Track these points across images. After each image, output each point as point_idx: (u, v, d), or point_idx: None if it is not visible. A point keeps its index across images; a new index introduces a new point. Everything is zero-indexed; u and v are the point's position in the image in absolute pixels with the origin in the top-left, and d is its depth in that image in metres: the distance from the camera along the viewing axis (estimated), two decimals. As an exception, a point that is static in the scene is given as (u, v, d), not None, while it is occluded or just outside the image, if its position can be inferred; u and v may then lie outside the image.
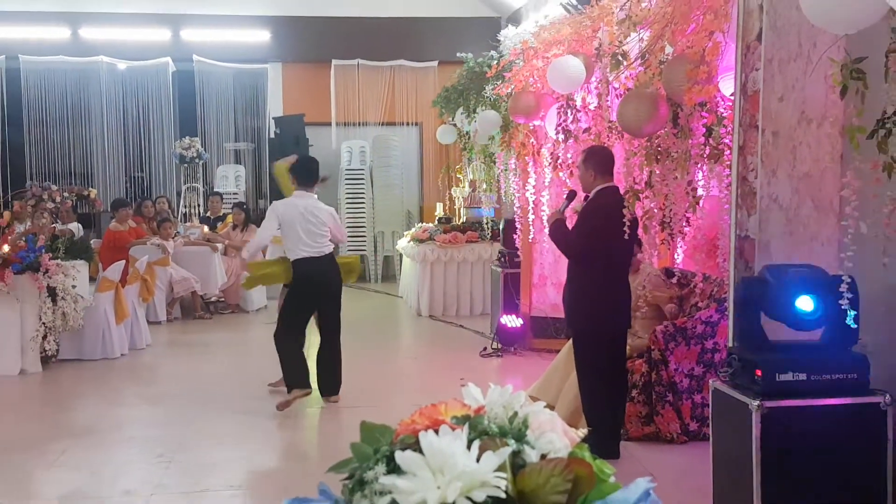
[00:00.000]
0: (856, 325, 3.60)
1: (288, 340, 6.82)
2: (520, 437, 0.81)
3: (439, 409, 0.85)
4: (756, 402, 3.62)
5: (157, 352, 9.39)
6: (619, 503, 0.77)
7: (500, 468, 0.78)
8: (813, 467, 3.62)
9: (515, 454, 0.80)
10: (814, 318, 3.66)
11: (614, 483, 0.82)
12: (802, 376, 3.68)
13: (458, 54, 11.23)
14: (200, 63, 14.53)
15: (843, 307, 3.36)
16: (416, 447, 0.81)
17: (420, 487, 0.77)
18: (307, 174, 6.98)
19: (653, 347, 5.81)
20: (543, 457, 0.81)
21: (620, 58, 5.61)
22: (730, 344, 4.49)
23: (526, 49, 7.62)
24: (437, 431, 0.81)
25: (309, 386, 6.80)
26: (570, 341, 6.36)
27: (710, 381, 4.13)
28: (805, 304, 3.65)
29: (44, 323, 8.06)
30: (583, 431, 0.85)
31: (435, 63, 14.52)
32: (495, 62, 9.30)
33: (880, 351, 3.77)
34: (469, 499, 0.76)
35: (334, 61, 14.62)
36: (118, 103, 14.64)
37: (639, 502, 0.77)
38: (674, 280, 6.55)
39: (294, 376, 6.76)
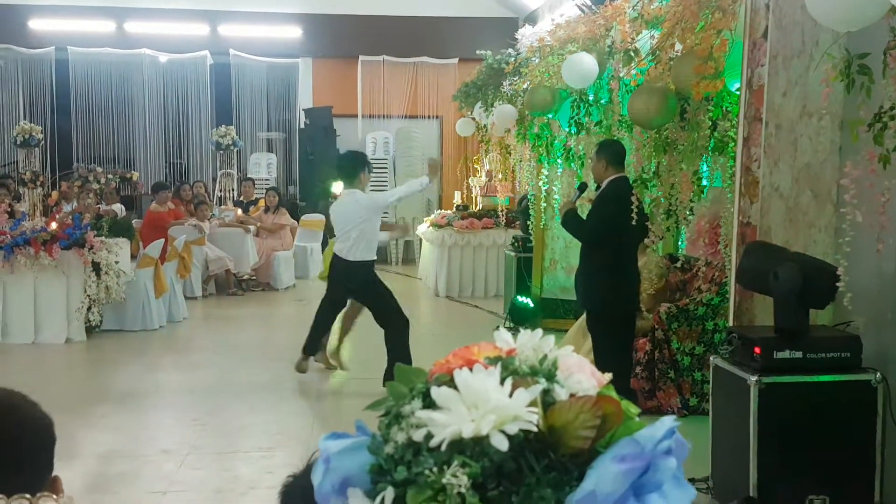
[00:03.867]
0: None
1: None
2: (550, 377, 0.80)
3: (472, 351, 0.84)
4: (754, 378, 3.61)
5: (193, 324, 9.44)
6: (645, 439, 0.75)
7: (532, 404, 0.77)
8: (807, 440, 3.61)
9: (545, 392, 0.79)
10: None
11: (640, 421, 0.81)
12: (798, 354, 3.66)
13: (477, 52, 11.17)
14: (236, 57, 14.54)
15: (840, 288, 3.33)
16: (451, 385, 0.80)
17: (455, 420, 0.76)
18: (342, 170, 6.76)
19: (657, 327, 5.79)
20: (572, 396, 0.80)
21: (632, 54, 5.57)
22: (730, 324, 4.47)
23: (542, 46, 7.57)
24: (471, 370, 0.80)
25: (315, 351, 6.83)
26: (579, 320, 6.36)
27: (711, 358, 4.11)
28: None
29: (88, 295, 8.12)
30: (609, 375, 0.84)
31: (455, 60, 14.47)
32: (513, 59, 9.26)
33: (872, 331, 3.74)
34: (502, 431, 0.75)
35: (361, 57, 14.60)
36: (159, 93, 14.68)
37: (664, 439, 0.75)
38: (677, 265, 6.52)
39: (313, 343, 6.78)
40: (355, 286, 6.62)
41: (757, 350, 3.67)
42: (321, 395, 6.69)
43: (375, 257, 6.67)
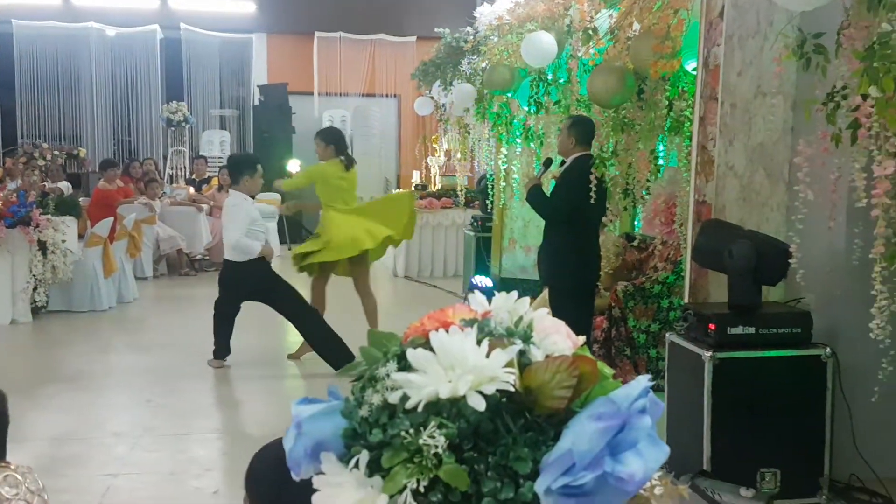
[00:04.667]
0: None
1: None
2: (526, 339, 0.81)
3: (447, 314, 0.85)
4: (709, 354, 3.67)
5: (144, 305, 9.31)
6: (621, 398, 0.77)
7: (509, 365, 0.78)
8: (759, 414, 3.68)
9: (521, 353, 0.80)
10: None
11: (615, 381, 0.82)
12: (751, 330, 3.73)
13: (435, 30, 11.12)
14: (187, 31, 14.28)
15: (792, 265, 3.40)
16: (427, 347, 0.80)
17: (432, 381, 0.77)
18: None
19: (613, 305, 5.85)
20: (548, 356, 0.81)
21: (591, 33, 5.59)
22: (685, 301, 4.54)
23: (501, 24, 7.57)
24: (447, 332, 0.81)
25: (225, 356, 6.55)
26: (538, 299, 6.39)
27: (667, 335, 4.17)
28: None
29: (34, 275, 7.96)
30: (583, 337, 0.85)
31: (414, 38, 14.39)
32: (471, 37, 9.24)
33: (823, 307, 3.82)
34: (479, 392, 0.76)
35: (317, 33, 14.44)
36: (107, 68, 14.38)
37: (639, 398, 0.77)
38: (634, 244, 6.58)
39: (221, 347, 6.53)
40: (250, 288, 6.35)
41: (711, 326, 3.73)
42: (277, 377, 6.65)
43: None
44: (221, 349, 6.54)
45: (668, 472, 3.83)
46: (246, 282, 6.29)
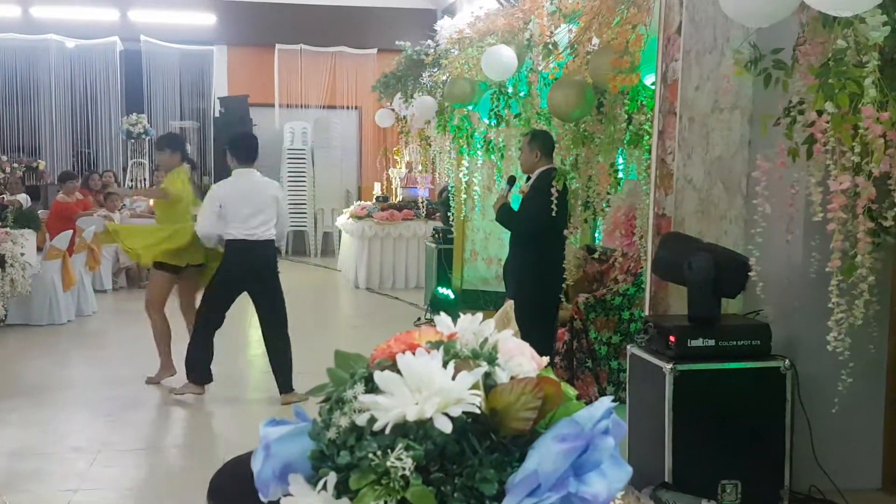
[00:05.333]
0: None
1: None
2: (491, 360, 0.82)
3: (414, 336, 0.85)
4: (669, 366, 3.69)
5: (104, 318, 9.18)
6: (584, 419, 0.78)
7: (474, 387, 0.78)
8: (721, 425, 3.71)
9: (487, 375, 0.80)
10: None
11: (579, 402, 0.83)
12: (711, 342, 3.77)
13: (396, 42, 11.14)
14: (147, 43, 14.16)
15: (752, 277, 3.44)
16: (394, 369, 0.81)
17: (399, 404, 0.77)
18: (248, 150, 6.22)
19: (575, 317, 5.88)
20: (513, 378, 0.81)
21: (551, 48, 5.64)
22: (645, 313, 4.58)
23: (461, 38, 7.60)
24: (413, 354, 0.81)
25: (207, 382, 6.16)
26: (499, 311, 6.40)
27: (628, 347, 4.20)
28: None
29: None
30: (547, 358, 0.86)
31: (374, 50, 14.40)
32: (432, 50, 9.27)
33: (781, 319, 3.88)
34: (445, 414, 0.76)
35: (278, 45, 14.40)
36: (67, 80, 14.19)
37: (602, 419, 0.78)
38: (595, 256, 6.63)
39: (201, 371, 6.08)
40: (270, 273, 6.27)
41: (672, 338, 3.76)
42: (237, 391, 6.58)
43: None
44: (200, 370, 6.06)
45: (629, 483, 3.86)
46: (237, 262, 5.98)
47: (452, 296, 8.75)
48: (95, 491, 4.46)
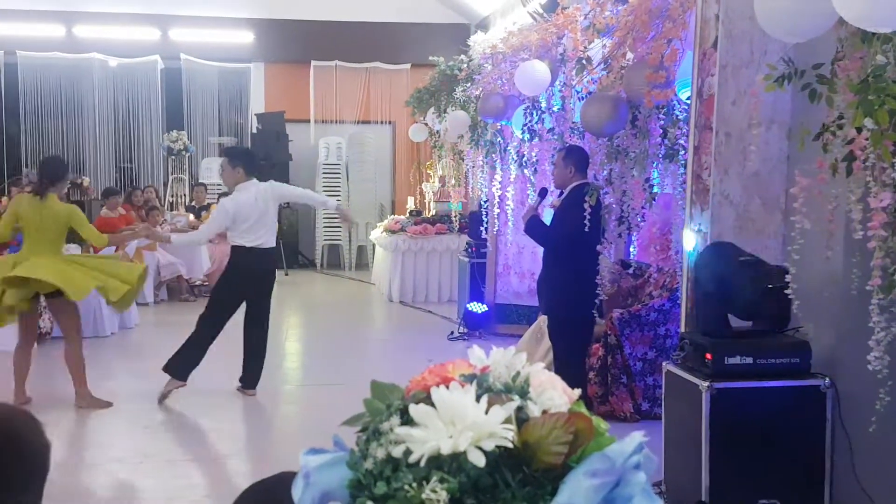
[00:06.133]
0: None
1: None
2: (523, 394, 0.82)
3: (447, 368, 0.86)
4: (706, 384, 3.66)
5: (145, 331, 9.30)
6: (616, 454, 0.77)
7: (507, 421, 0.79)
8: (758, 445, 3.67)
9: (519, 409, 0.80)
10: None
11: (611, 436, 0.83)
12: (749, 360, 3.73)
13: (430, 58, 11.20)
14: (187, 61, 14.36)
15: (789, 296, 3.39)
16: (428, 402, 0.81)
17: (433, 437, 0.78)
18: (255, 163, 6.63)
19: (609, 333, 5.85)
20: (545, 412, 0.81)
21: (584, 62, 5.63)
22: (682, 330, 4.54)
23: (494, 53, 7.62)
24: (447, 387, 0.81)
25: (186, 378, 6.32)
26: (533, 326, 6.40)
27: (664, 364, 4.17)
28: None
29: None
30: (579, 391, 0.86)
31: (408, 66, 14.47)
32: (465, 65, 9.30)
33: (821, 337, 3.82)
34: (478, 448, 0.77)
35: (313, 62, 14.52)
36: (109, 98, 14.44)
37: (634, 454, 0.77)
38: (629, 271, 6.60)
39: (185, 366, 6.31)
40: (258, 273, 6.57)
41: (708, 356, 3.73)
42: (275, 402, 6.63)
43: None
44: (181, 367, 6.28)
45: (666, 502, 3.82)
46: (259, 267, 6.35)
47: (485, 310, 8.75)
48: (138, 502, 4.52)
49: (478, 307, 8.75)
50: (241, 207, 6.27)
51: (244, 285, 6.39)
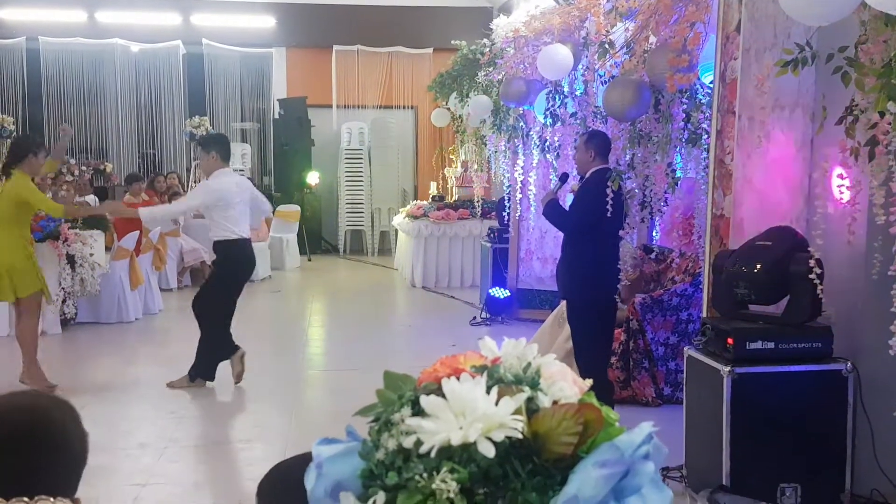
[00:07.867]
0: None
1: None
2: (533, 385, 0.83)
3: (459, 360, 0.87)
4: (727, 368, 3.66)
5: (169, 316, 9.40)
6: (625, 445, 0.79)
7: (517, 412, 0.80)
8: (779, 429, 3.67)
9: (529, 400, 0.82)
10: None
11: (620, 427, 0.84)
12: (771, 345, 3.72)
13: (452, 42, 11.17)
14: (209, 47, 14.42)
15: (814, 281, 3.38)
16: (439, 393, 0.83)
17: (444, 428, 0.79)
18: (228, 149, 6.51)
19: (631, 318, 5.85)
20: (555, 403, 0.83)
21: (607, 46, 5.60)
22: (704, 315, 4.53)
23: (517, 37, 7.59)
24: (458, 379, 0.83)
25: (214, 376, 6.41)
26: (555, 310, 6.40)
27: (685, 349, 4.17)
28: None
29: (63, 288, 8.05)
30: (590, 381, 0.87)
31: (430, 50, 14.45)
32: (488, 49, 9.27)
33: (843, 322, 3.81)
34: (489, 439, 0.78)
35: (335, 47, 14.53)
36: (132, 83, 14.53)
37: (643, 444, 0.79)
38: (652, 256, 6.58)
39: (210, 367, 6.37)
40: (245, 266, 6.64)
41: (730, 341, 3.73)
42: (297, 387, 6.70)
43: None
44: (210, 371, 6.35)
45: (687, 486, 3.83)
46: (246, 259, 6.40)
47: (507, 295, 8.76)
48: (162, 486, 4.58)
49: (500, 292, 8.76)
50: (225, 190, 6.23)
51: (245, 275, 6.48)
